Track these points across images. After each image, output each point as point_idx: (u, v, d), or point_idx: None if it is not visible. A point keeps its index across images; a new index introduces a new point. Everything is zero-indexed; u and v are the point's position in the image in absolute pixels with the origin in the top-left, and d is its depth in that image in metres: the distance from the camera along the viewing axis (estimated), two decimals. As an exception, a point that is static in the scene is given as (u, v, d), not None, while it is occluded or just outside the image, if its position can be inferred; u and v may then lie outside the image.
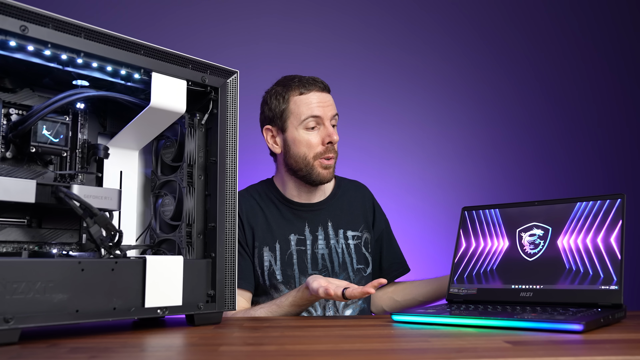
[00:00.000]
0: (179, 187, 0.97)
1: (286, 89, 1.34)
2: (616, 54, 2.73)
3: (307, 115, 1.31)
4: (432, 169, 2.60)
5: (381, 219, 1.48)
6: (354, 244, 1.38)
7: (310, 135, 1.32)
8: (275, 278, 1.31)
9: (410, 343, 0.75)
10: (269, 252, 1.33)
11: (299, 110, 1.32)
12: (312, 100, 1.32)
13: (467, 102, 2.66)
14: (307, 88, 1.33)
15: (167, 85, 0.90)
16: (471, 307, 1.02)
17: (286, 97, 1.34)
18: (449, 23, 2.71)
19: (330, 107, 1.33)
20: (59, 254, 0.86)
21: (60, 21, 0.77)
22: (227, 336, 0.81)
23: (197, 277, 0.91)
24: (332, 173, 1.35)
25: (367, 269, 1.39)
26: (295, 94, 1.33)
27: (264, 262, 1.33)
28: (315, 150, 1.32)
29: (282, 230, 1.35)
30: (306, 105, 1.31)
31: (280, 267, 1.32)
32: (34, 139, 0.84)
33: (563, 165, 2.65)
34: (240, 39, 2.56)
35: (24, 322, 0.69)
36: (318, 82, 1.35)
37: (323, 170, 1.33)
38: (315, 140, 1.32)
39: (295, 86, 1.33)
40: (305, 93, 1.32)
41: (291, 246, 1.34)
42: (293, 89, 1.33)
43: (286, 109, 1.33)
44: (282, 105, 1.34)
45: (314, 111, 1.31)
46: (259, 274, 1.32)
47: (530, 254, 1.09)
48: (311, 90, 1.33)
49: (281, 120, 1.34)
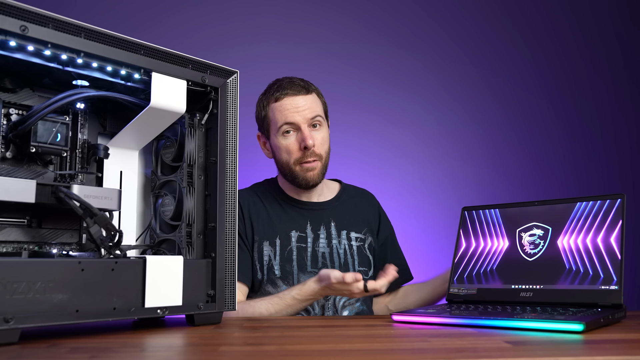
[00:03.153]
0: (179, 187, 0.97)
1: (266, 96, 1.36)
2: (616, 54, 2.73)
3: (282, 122, 1.31)
4: (432, 169, 2.60)
5: (386, 226, 1.49)
6: (357, 245, 1.38)
7: (288, 141, 1.32)
8: (274, 273, 1.32)
9: (410, 343, 0.75)
10: (269, 246, 1.34)
11: (275, 117, 1.33)
12: (286, 107, 1.31)
13: (467, 102, 2.66)
14: (282, 92, 1.32)
15: (167, 85, 0.90)
16: (471, 307, 1.02)
17: (265, 104, 1.35)
18: (449, 23, 2.70)
19: (307, 111, 1.32)
20: (59, 254, 0.86)
21: (60, 21, 0.77)
22: (227, 336, 0.81)
23: (197, 277, 0.91)
24: (317, 175, 1.34)
25: (369, 272, 1.39)
26: (272, 101, 1.33)
27: (264, 256, 1.33)
28: (294, 156, 1.32)
29: (284, 226, 1.36)
30: (280, 112, 1.32)
31: (279, 262, 1.33)
32: (34, 139, 0.84)
33: (563, 165, 2.65)
34: (240, 40, 2.56)
35: (24, 322, 0.69)
36: (295, 84, 1.33)
37: (306, 173, 1.33)
38: (293, 147, 1.32)
39: (272, 92, 1.34)
40: (280, 99, 1.32)
41: (291, 242, 1.35)
42: (270, 95, 1.34)
43: (266, 117, 1.35)
44: (262, 112, 1.36)
45: (287, 118, 1.31)
46: (258, 268, 1.33)
47: (530, 254, 1.09)
48: (286, 95, 1.32)
49: (264, 128, 1.37)
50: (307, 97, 1.33)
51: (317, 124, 1.34)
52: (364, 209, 1.46)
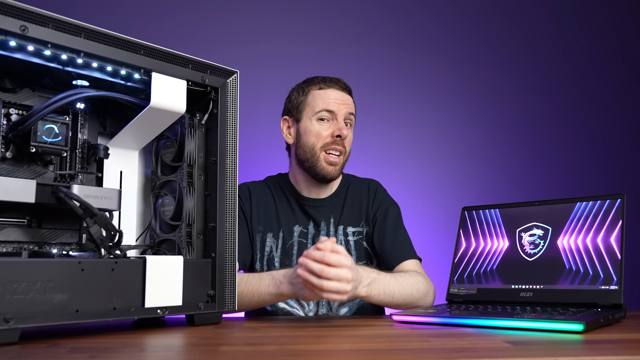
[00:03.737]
0: (179, 187, 0.97)
1: (308, 84, 1.40)
2: (616, 54, 2.73)
3: (322, 108, 1.35)
4: (432, 169, 2.60)
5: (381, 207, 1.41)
6: (354, 240, 1.39)
7: (321, 127, 1.35)
8: (274, 265, 1.34)
9: (410, 343, 0.75)
10: (272, 238, 1.36)
11: (315, 102, 1.36)
12: (330, 96, 1.36)
13: (467, 102, 2.66)
14: (327, 85, 1.38)
15: (167, 85, 0.90)
16: (471, 307, 1.02)
17: (306, 90, 1.39)
18: (449, 23, 2.71)
19: (347, 106, 1.37)
20: (59, 254, 0.86)
21: (60, 21, 0.77)
22: (227, 336, 0.81)
23: (197, 277, 0.91)
24: (337, 170, 1.36)
25: (371, 264, 1.38)
26: (315, 88, 1.38)
27: (266, 247, 1.35)
28: (323, 141, 1.34)
29: (288, 220, 1.38)
30: (322, 99, 1.36)
31: (280, 255, 1.35)
32: (34, 139, 0.84)
33: (563, 165, 2.65)
34: (240, 40, 2.56)
35: (24, 322, 0.69)
36: (340, 82, 1.40)
37: (328, 165, 1.34)
38: (325, 132, 1.34)
39: (317, 82, 1.39)
40: (324, 88, 1.37)
41: (294, 237, 1.37)
42: (314, 83, 1.39)
43: (304, 101, 1.38)
44: (300, 97, 1.39)
45: (329, 105, 1.35)
46: (258, 258, 1.34)
47: (530, 254, 1.09)
48: (331, 87, 1.37)
49: (297, 111, 1.39)
50: (349, 96, 1.40)
51: (349, 123, 1.38)
52: (363, 198, 1.44)
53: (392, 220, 1.40)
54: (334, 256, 0.94)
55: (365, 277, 1.04)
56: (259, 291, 1.10)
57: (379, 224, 1.39)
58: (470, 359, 0.61)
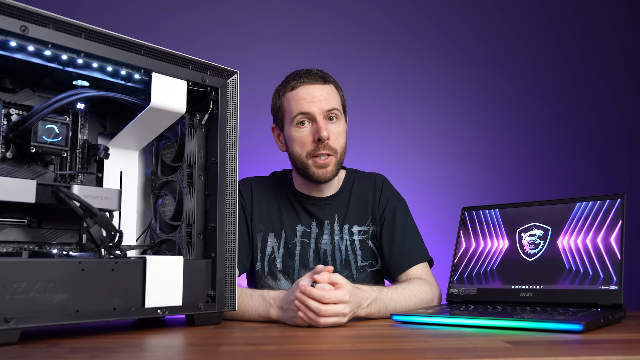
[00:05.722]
0: (179, 188, 0.97)
1: (282, 86, 1.30)
2: (615, 54, 2.73)
3: (297, 112, 1.25)
4: (432, 169, 2.60)
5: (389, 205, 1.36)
6: (359, 239, 1.34)
7: (302, 133, 1.26)
8: (275, 265, 1.31)
9: (410, 343, 0.75)
10: (274, 238, 1.32)
11: (290, 107, 1.27)
12: (302, 96, 1.25)
13: (466, 103, 2.67)
14: (298, 81, 1.26)
15: (167, 85, 0.90)
16: (471, 307, 1.02)
17: (281, 94, 1.29)
18: (448, 25, 2.71)
19: (324, 102, 1.24)
20: (59, 254, 0.86)
21: (61, 21, 0.77)
22: (227, 336, 0.81)
23: (197, 277, 0.91)
24: (330, 172, 1.28)
25: (376, 265, 1.35)
26: (288, 90, 1.27)
27: (267, 247, 1.32)
28: (307, 149, 1.26)
29: (291, 220, 1.34)
30: (295, 101, 1.25)
31: (282, 255, 1.31)
32: (34, 139, 0.84)
33: (562, 166, 2.65)
34: (240, 42, 2.56)
35: (24, 322, 0.69)
36: (312, 73, 1.27)
37: (318, 169, 1.27)
38: (306, 139, 1.25)
39: (289, 81, 1.28)
40: (296, 88, 1.26)
41: (296, 237, 1.33)
42: (287, 84, 1.28)
43: (281, 107, 1.29)
44: (277, 102, 1.30)
45: (302, 107, 1.24)
46: (258, 258, 1.31)
47: (530, 254, 1.10)
48: (302, 84, 1.26)
49: (279, 119, 1.31)
50: (324, 87, 1.27)
51: (333, 117, 1.27)
52: (369, 196, 1.37)
53: (400, 220, 1.34)
54: (333, 295, 0.93)
55: (365, 298, 1.03)
56: (249, 310, 1.06)
57: (387, 225, 1.33)
58: (470, 359, 0.61)
